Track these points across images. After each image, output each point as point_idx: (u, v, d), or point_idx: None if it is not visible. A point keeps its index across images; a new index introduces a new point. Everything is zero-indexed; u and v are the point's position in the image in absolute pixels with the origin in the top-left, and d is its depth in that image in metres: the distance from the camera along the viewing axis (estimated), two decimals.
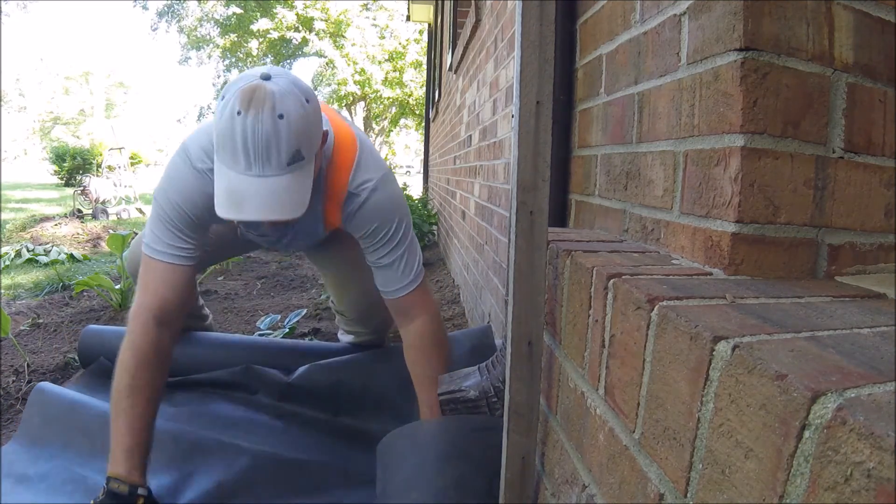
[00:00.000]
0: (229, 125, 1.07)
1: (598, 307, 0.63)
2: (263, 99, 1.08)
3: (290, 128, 1.09)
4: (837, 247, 0.61)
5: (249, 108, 1.07)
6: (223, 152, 1.10)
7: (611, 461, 0.58)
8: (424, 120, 8.56)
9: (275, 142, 1.08)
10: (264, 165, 1.08)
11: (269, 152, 1.08)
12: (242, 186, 1.09)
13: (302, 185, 1.15)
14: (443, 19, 6.02)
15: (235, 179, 1.09)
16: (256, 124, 1.06)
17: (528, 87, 0.72)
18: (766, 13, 0.55)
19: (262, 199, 1.09)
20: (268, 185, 1.09)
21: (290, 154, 1.10)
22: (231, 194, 1.10)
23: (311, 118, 1.16)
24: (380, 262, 1.39)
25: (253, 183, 1.09)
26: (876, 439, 0.27)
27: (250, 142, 1.06)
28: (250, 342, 1.88)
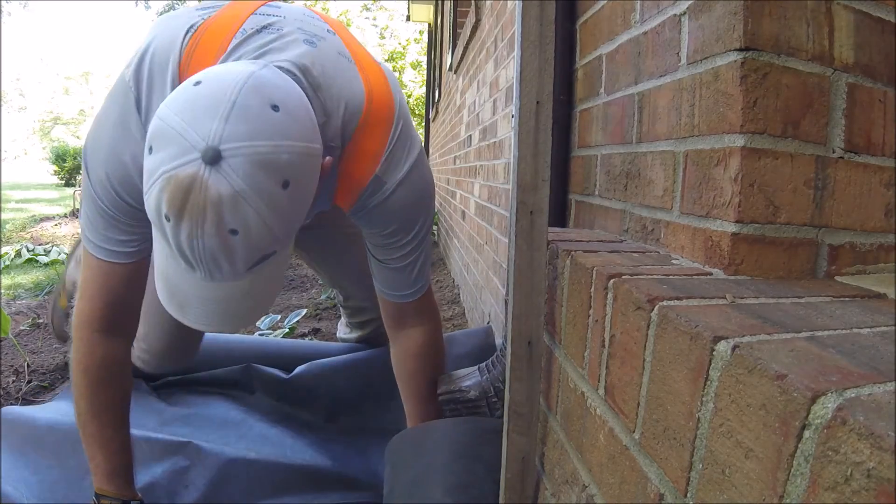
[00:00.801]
0: (156, 221, 0.75)
1: (598, 307, 0.63)
2: (204, 208, 0.71)
3: (249, 242, 0.75)
4: (837, 247, 0.61)
5: (182, 218, 0.71)
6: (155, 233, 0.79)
7: (611, 461, 0.58)
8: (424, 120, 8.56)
9: (226, 258, 0.75)
10: (212, 274, 0.77)
11: (219, 265, 0.76)
12: (184, 285, 0.80)
13: (269, 280, 0.86)
14: (443, 19, 6.02)
15: (176, 272, 0.80)
16: (195, 239, 0.73)
17: (528, 87, 0.72)
18: (766, 13, 0.55)
19: (209, 306, 0.82)
20: (217, 291, 0.80)
21: (250, 263, 0.78)
22: (171, 286, 0.82)
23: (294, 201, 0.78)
24: (392, 264, 1.11)
25: (198, 286, 0.80)
26: (876, 439, 0.27)
27: (188, 252, 0.74)
28: (250, 342, 1.87)
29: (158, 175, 0.72)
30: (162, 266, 0.82)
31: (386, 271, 1.13)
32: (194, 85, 0.76)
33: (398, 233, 1.07)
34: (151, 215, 0.75)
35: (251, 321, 0.92)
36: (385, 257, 1.11)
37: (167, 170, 0.71)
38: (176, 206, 0.71)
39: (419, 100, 18.77)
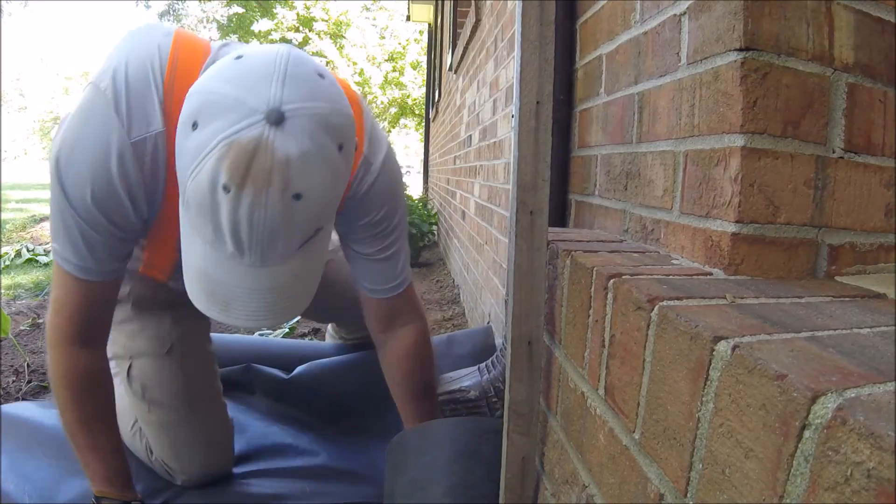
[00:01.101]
0: (209, 198, 0.70)
1: (598, 307, 0.63)
2: (271, 172, 0.69)
3: (309, 208, 0.73)
4: (837, 247, 0.61)
5: (245, 186, 0.69)
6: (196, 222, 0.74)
7: (611, 461, 0.58)
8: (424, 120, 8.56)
9: (284, 230, 0.73)
10: (264, 255, 0.74)
11: (275, 242, 0.73)
12: (229, 278, 0.76)
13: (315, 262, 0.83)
14: (443, 19, 6.02)
15: (218, 265, 0.76)
16: (257, 209, 0.70)
17: (528, 87, 0.72)
18: (766, 13, 0.55)
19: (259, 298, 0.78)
20: (267, 279, 0.77)
21: (306, 236, 0.76)
22: (212, 284, 0.77)
23: (345, 164, 0.78)
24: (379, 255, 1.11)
25: (245, 276, 0.76)
26: (876, 439, 0.27)
27: (244, 229, 0.71)
28: (250, 342, 1.87)
29: (215, 144, 0.69)
30: (198, 264, 0.78)
31: (373, 265, 1.11)
32: (236, 59, 0.75)
33: (388, 217, 1.08)
34: (201, 194, 0.70)
35: (300, 310, 0.86)
36: (372, 249, 1.09)
37: (226, 136, 0.68)
38: (239, 172, 0.68)
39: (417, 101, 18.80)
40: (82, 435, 1.04)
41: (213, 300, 0.79)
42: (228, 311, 0.79)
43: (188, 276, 0.81)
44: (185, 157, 0.73)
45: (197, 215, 0.73)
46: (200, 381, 1.29)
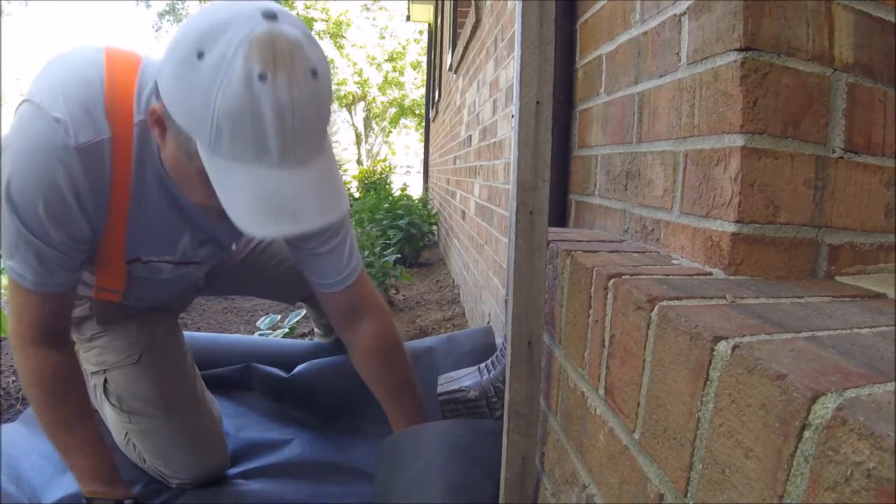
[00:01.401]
0: (247, 98, 0.73)
1: (598, 307, 0.63)
2: (291, 51, 0.75)
3: (325, 85, 0.80)
4: (837, 247, 0.61)
5: (278, 69, 0.73)
6: (235, 141, 0.75)
7: (611, 461, 0.58)
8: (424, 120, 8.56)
9: (315, 112, 0.78)
10: (304, 148, 0.78)
11: (308, 129, 0.77)
12: (285, 187, 0.77)
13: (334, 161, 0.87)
14: (443, 19, 6.02)
15: (269, 179, 0.77)
16: (293, 89, 0.74)
17: (528, 87, 0.72)
18: (766, 13, 0.55)
19: (318, 192, 0.80)
20: (315, 176, 0.80)
21: (328, 122, 0.83)
22: (273, 202, 0.77)
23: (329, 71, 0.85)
24: (322, 248, 1.11)
25: (296, 178, 0.78)
26: (876, 439, 0.27)
27: (288, 119, 0.74)
28: (250, 342, 1.87)
29: (234, 49, 0.73)
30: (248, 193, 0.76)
31: (317, 259, 1.12)
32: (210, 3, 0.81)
33: None
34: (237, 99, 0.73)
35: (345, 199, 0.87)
36: (314, 243, 1.10)
37: (242, 38, 0.73)
38: (269, 56, 0.73)
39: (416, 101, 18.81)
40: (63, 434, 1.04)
41: (280, 217, 0.78)
42: (299, 219, 0.79)
43: (241, 213, 0.77)
44: (199, 88, 0.75)
45: (233, 134, 0.75)
46: (175, 385, 1.29)
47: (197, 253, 1.14)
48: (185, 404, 1.29)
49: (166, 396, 1.25)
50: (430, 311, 2.95)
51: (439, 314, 2.87)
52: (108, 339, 1.24)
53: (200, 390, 1.35)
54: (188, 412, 1.29)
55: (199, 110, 0.75)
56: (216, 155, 0.77)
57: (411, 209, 4.56)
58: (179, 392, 1.29)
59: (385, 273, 2.97)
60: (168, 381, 1.27)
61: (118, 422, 1.29)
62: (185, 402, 1.29)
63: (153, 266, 1.11)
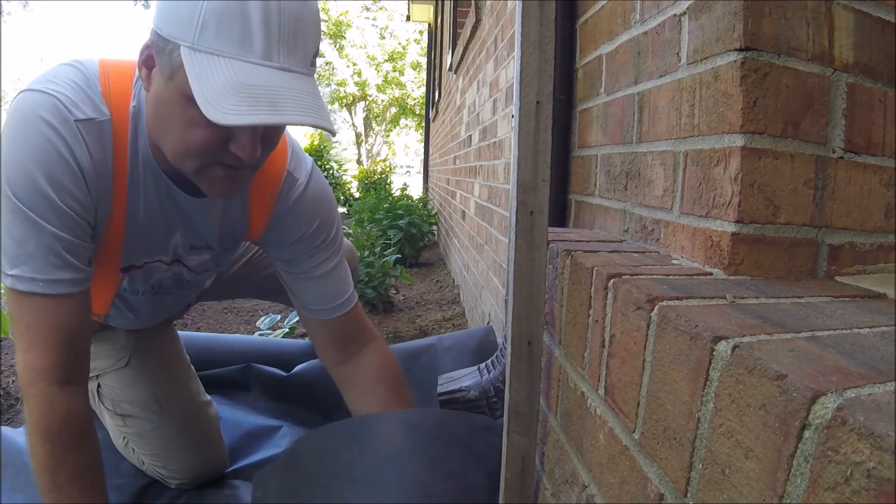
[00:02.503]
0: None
1: (598, 307, 0.63)
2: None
3: (312, 13, 0.80)
4: (837, 247, 0.61)
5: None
6: (220, 34, 0.74)
7: (611, 461, 0.58)
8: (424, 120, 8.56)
9: (302, 24, 0.77)
10: (291, 55, 0.77)
11: (297, 37, 0.77)
12: (266, 79, 0.75)
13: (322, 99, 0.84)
14: (443, 19, 6.02)
15: (250, 71, 0.74)
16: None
17: (528, 87, 0.72)
18: (766, 13, 0.55)
19: (301, 97, 0.77)
20: (300, 84, 0.78)
21: (314, 48, 0.82)
22: (251, 91, 0.74)
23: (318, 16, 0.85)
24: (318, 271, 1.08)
25: (280, 77, 0.76)
26: (876, 439, 0.27)
27: (275, 15, 0.74)
28: (250, 342, 1.88)
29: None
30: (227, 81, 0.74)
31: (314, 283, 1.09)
32: None
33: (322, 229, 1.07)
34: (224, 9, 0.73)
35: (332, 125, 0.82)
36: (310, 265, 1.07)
37: None
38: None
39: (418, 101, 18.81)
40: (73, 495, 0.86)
41: (258, 103, 0.74)
42: (278, 108, 0.75)
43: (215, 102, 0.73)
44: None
45: (218, 26, 0.73)
46: (167, 387, 1.28)
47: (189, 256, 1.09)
48: (180, 405, 1.28)
49: (158, 398, 1.25)
50: (430, 311, 2.95)
51: (439, 314, 2.87)
52: (96, 345, 1.22)
53: (196, 391, 1.34)
54: (183, 413, 1.28)
55: (187, 10, 0.74)
56: (198, 52, 0.74)
57: (411, 209, 4.56)
58: (172, 393, 1.28)
59: (385, 273, 2.97)
60: (159, 383, 1.27)
61: (115, 425, 1.29)
62: (179, 402, 1.29)
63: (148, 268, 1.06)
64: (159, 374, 1.28)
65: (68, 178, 0.84)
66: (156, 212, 0.99)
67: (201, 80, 0.74)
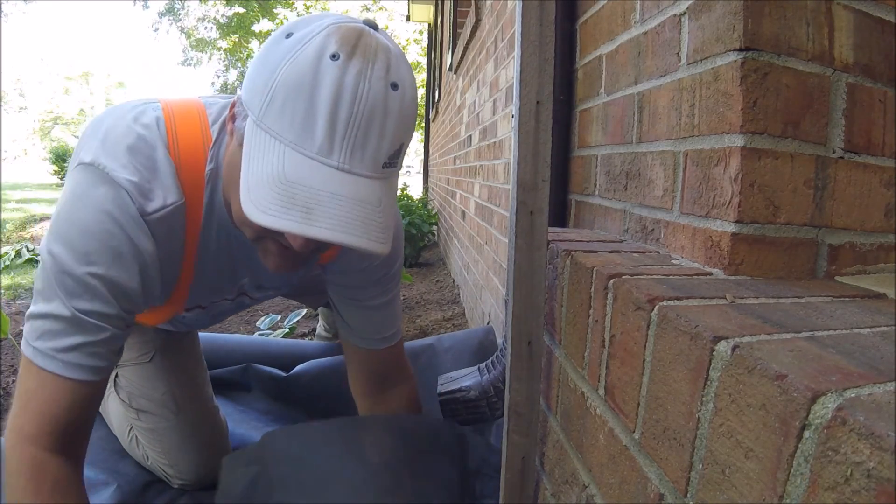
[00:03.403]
0: (311, 71, 0.66)
1: (598, 307, 0.63)
2: (376, 51, 0.69)
3: (402, 107, 0.71)
4: (837, 247, 0.61)
5: (354, 56, 0.67)
6: (283, 114, 0.67)
7: (611, 461, 0.58)
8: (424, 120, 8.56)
9: (380, 120, 0.68)
10: (354, 154, 0.68)
11: (369, 135, 0.68)
12: (313, 179, 0.67)
13: (391, 202, 0.75)
14: (443, 19, 6.02)
15: (300, 165, 0.67)
16: (362, 82, 0.66)
17: (528, 87, 0.72)
18: (766, 13, 0.55)
19: (345, 206, 0.68)
20: (353, 187, 0.68)
21: (392, 148, 0.71)
22: (291, 188, 0.66)
23: (415, 110, 0.76)
24: (372, 301, 1.05)
25: (332, 178, 0.67)
26: (876, 439, 0.27)
27: (345, 108, 0.66)
28: (250, 342, 1.87)
29: (320, 29, 0.69)
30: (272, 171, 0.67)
31: (369, 313, 1.07)
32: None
33: (386, 263, 1.03)
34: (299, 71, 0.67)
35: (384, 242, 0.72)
36: (366, 295, 1.05)
37: (332, 23, 0.70)
38: (350, 43, 0.68)
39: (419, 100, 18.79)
40: None
41: (291, 206, 0.66)
42: (311, 216, 0.66)
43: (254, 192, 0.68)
44: (272, 61, 0.69)
45: (283, 104, 0.67)
46: (186, 387, 1.29)
47: (255, 295, 1.08)
48: (195, 407, 1.29)
49: (176, 398, 1.25)
50: (430, 311, 2.95)
51: (439, 314, 2.87)
52: None
53: (209, 395, 1.35)
54: (197, 415, 1.29)
55: (263, 80, 0.69)
56: (260, 127, 0.69)
57: (411, 209, 4.56)
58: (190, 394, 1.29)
59: None
60: (179, 383, 1.27)
61: (125, 418, 1.29)
62: (195, 404, 1.29)
63: (213, 305, 1.06)
64: (180, 373, 1.28)
65: (124, 276, 0.80)
66: (224, 264, 0.96)
67: (251, 161, 0.69)
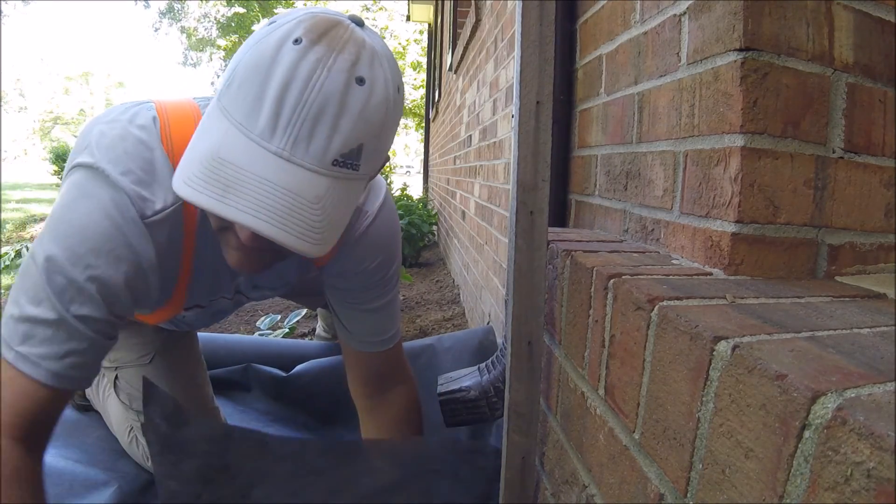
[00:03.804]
0: (268, 54, 0.64)
1: (598, 307, 0.63)
2: (347, 42, 0.66)
3: (366, 105, 0.66)
4: (837, 247, 0.61)
5: (318, 43, 0.64)
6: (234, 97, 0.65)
7: (611, 461, 0.58)
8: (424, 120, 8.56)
9: (334, 112, 0.64)
10: (298, 143, 0.64)
11: (318, 126, 0.64)
12: (248, 161, 0.64)
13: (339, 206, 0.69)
14: (443, 19, 6.02)
15: (239, 145, 0.64)
16: (319, 69, 0.63)
17: (528, 87, 0.72)
18: (766, 13, 0.55)
19: (268, 192, 0.63)
20: (287, 175, 0.64)
21: (346, 146, 0.66)
22: (215, 165, 0.64)
23: (394, 117, 0.72)
24: (370, 305, 1.04)
25: (268, 163, 0.64)
26: (876, 439, 0.27)
27: (294, 93, 0.63)
28: (250, 342, 1.87)
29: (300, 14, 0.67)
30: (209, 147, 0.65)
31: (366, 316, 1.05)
32: None
33: (383, 266, 1.02)
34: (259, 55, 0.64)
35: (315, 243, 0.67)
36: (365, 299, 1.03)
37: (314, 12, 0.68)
38: (317, 31, 0.65)
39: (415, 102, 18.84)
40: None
41: (211, 181, 0.63)
42: (226, 195, 0.63)
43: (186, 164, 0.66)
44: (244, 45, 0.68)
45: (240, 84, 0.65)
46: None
47: (252, 294, 1.08)
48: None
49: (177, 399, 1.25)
50: (430, 311, 2.95)
51: (439, 314, 2.87)
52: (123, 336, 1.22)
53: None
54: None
55: (233, 62, 0.68)
56: (217, 106, 0.68)
57: (411, 209, 4.56)
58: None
59: None
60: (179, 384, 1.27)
61: (125, 419, 1.29)
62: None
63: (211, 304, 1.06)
64: (180, 375, 1.28)
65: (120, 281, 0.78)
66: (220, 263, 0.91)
67: (200, 137, 0.68)
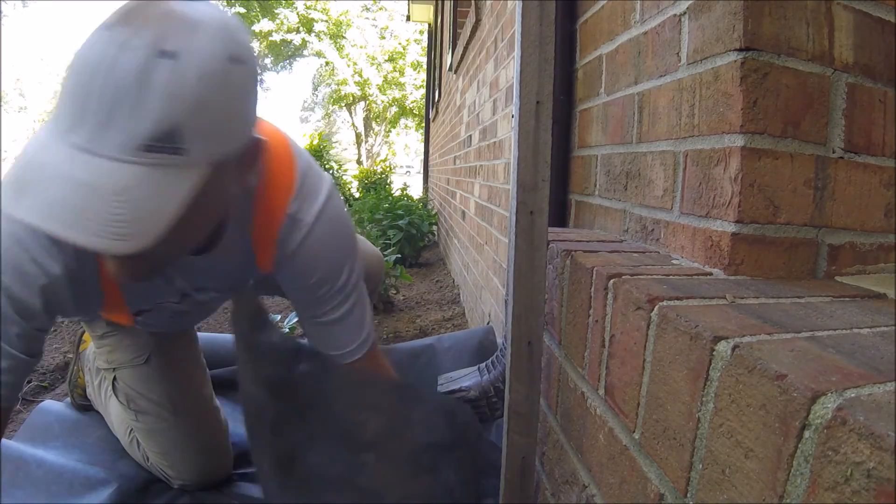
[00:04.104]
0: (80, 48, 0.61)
1: (598, 307, 0.63)
2: (154, 17, 0.60)
3: (178, 80, 0.59)
4: (837, 247, 0.61)
5: (120, 24, 0.60)
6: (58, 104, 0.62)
7: (611, 461, 0.58)
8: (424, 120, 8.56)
9: (135, 93, 0.58)
10: (100, 132, 0.58)
11: (118, 109, 0.58)
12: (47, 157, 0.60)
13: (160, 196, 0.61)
14: (443, 19, 6.02)
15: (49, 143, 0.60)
16: (122, 54, 0.58)
17: (528, 87, 0.72)
18: (766, 13, 0.55)
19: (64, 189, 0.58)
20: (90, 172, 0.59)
21: (155, 129, 0.59)
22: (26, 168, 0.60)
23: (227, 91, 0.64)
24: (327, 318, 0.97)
25: (66, 158, 0.59)
26: (876, 439, 0.27)
27: (97, 81, 0.58)
28: None
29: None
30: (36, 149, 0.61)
31: (322, 328, 0.99)
32: None
33: (326, 280, 0.95)
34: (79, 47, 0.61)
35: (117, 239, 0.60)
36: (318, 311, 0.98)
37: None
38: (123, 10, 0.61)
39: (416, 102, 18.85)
40: None
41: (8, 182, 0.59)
42: (20, 195, 0.58)
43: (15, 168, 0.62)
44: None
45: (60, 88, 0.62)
46: (184, 387, 1.28)
47: (197, 295, 1.03)
48: (193, 408, 1.29)
49: (173, 399, 1.25)
50: (430, 311, 2.95)
51: (439, 314, 2.87)
52: (118, 338, 1.24)
53: (209, 395, 1.35)
54: (196, 416, 1.28)
55: None
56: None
57: (411, 209, 4.56)
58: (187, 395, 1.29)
59: (385, 273, 2.97)
60: (176, 384, 1.27)
61: (124, 419, 1.29)
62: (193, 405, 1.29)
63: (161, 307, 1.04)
64: (176, 374, 1.28)
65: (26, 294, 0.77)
66: None
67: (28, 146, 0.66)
